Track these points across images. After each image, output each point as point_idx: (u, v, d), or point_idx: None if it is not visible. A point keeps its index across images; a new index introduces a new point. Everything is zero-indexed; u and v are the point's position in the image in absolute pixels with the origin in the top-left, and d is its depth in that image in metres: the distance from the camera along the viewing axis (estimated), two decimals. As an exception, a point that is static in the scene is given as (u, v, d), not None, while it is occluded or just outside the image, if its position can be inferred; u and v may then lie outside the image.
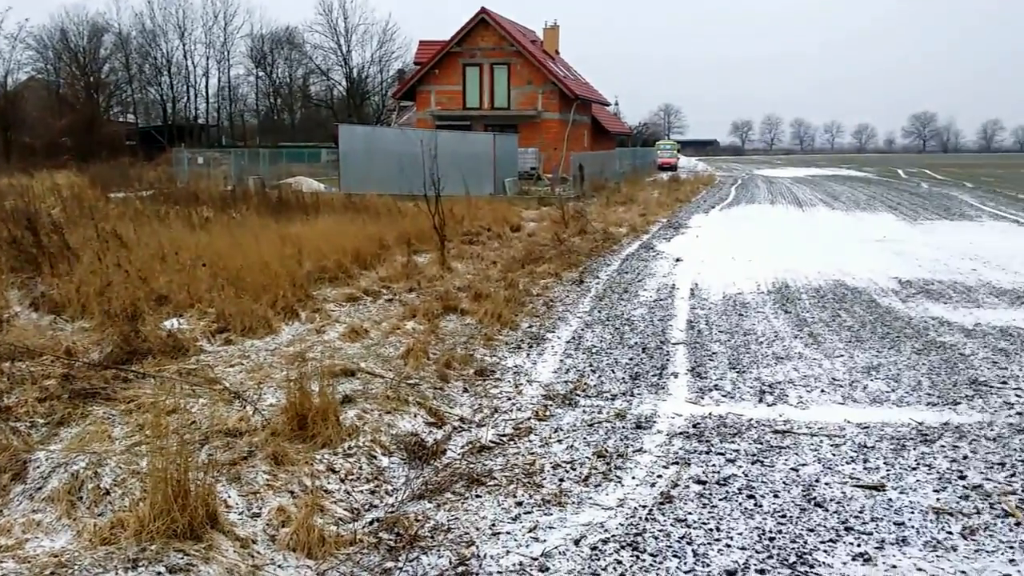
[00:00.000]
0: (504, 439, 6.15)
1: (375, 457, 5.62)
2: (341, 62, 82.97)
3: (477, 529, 4.70)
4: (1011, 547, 4.46)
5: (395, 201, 20.84)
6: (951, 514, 4.86)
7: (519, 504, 5.03)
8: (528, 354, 8.59)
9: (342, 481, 5.23)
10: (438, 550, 4.45)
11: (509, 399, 7.10)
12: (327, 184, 33.46)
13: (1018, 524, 4.71)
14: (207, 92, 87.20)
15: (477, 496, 5.13)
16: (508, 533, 4.66)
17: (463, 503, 5.02)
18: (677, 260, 15.57)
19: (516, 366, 8.12)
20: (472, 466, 5.58)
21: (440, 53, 43.45)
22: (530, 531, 4.67)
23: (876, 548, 4.46)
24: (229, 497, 4.79)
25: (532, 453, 5.86)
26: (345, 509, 4.90)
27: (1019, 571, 4.21)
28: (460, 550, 4.45)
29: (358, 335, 8.65)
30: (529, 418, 6.61)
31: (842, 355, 8.49)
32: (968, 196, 34.04)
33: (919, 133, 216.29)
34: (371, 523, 4.76)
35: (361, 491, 5.17)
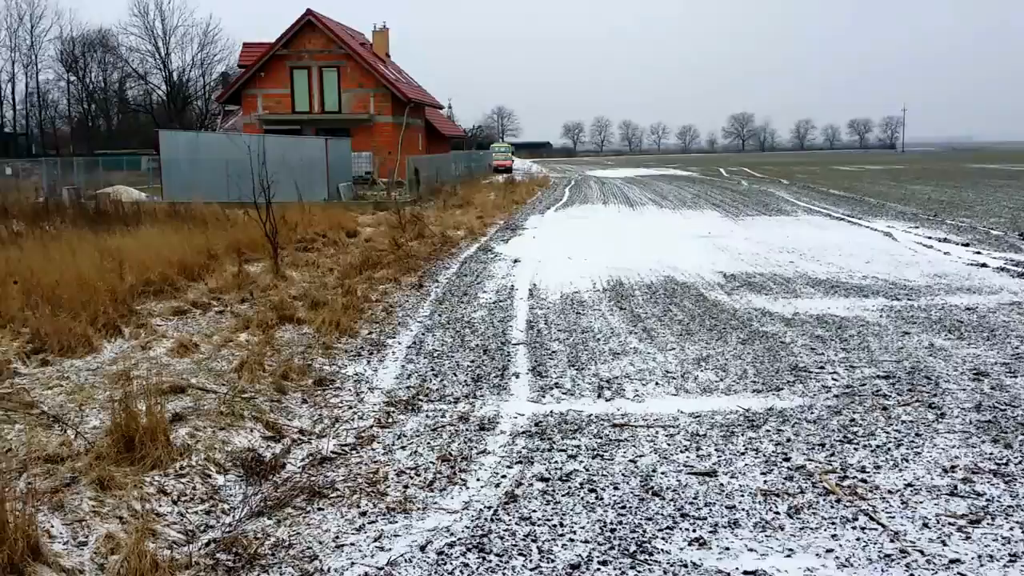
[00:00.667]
0: (346, 449, 6.04)
1: (210, 476, 5.40)
2: (160, 65, 79.71)
3: (320, 543, 4.58)
4: (833, 523, 4.73)
5: (223, 209, 20.15)
6: (778, 495, 5.12)
7: (363, 514, 4.94)
8: (369, 361, 8.48)
9: (175, 503, 4.99)
10: (280, 567, 4.31)
11: (350, 408, 6.98)
12: (149, 193, 32.04)
13: (839, 501, 5.01)
14: (14, 99, 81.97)
15: (319, 509, 5.01)
16: (352, 544, 4.57)
17: (305, 517, 4.90)
18: (515, 261, 15.76)
19: (357, 374, 8.00)
20: (313, 479, 5.45)
21: (265, 56, 42.42)
22: (375, 541, 4.61)
23: (710, 532, 4.64)
24: (52, 527, 4.49)
25: (375, 461, 5.78)
26: (179, 532, 4.68)
27: (840, 545, 4.47)
28: (303, 565, 4.33)
29: (188, 350, 8.30)
30: (371, 426, 6.52)
31: (674, 348, 8.80)
32: (784, 192, 36.07)
33: (738, 133, 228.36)
34: (208, 544, 4.56)
35: (196, 512, 4.95)
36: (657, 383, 7.56)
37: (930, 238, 18.10)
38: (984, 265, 14.11)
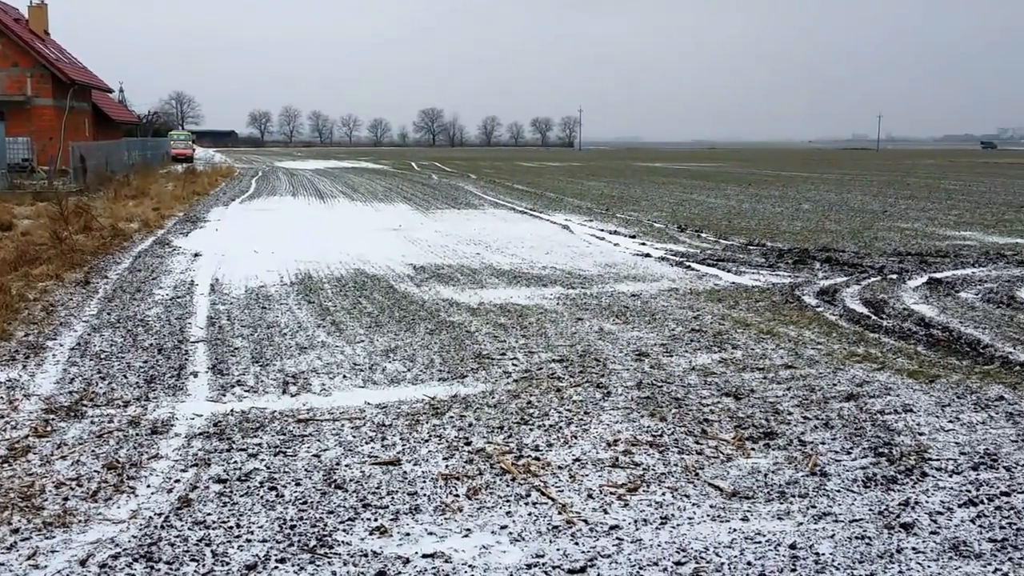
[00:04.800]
0: (-6, 463, 5.43)
1: None
2: None
3: (-41, 570, 4.08)
4: (508, 501, 4.94)
5: None
6: (458, 478, 5.26)
7: (15, 531, 4.47)
8: (24, 366, 7.69)
9: None
10: (-93, 602, 3.79)
11: (1, 418, 6.29)
12: None
13: (514, 480, 5.24)
14: None
15: (-40, 532, 4.46)
16: (2, 564, 4.11)
17: (-59, 543, 4.34)
18: (196, 255, 15.01)
19: (9, 380, 7.22)
20: (-47, 499, 4.84)
21: (-100, 27, 37.25)
22: (28, 559, 4.18)
23: (391, 520, 4.67)
24: None
25: (31, 474, 5.25)
26: None
27: (514, 521, 4.67)
28: (-63, 598, 3.84)
29: None
30: (27, 436, 5.91)
31: (363, 340, 8.78)
32: (473, 187, 37.29)
33: (429, 128, 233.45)
34: None
35: None
36: (345, 376, 7.51)
37: (602, 230, 19.48)
38: (648, 255, 15.41)
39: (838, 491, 5.09)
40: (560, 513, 4.76)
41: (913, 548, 4.36)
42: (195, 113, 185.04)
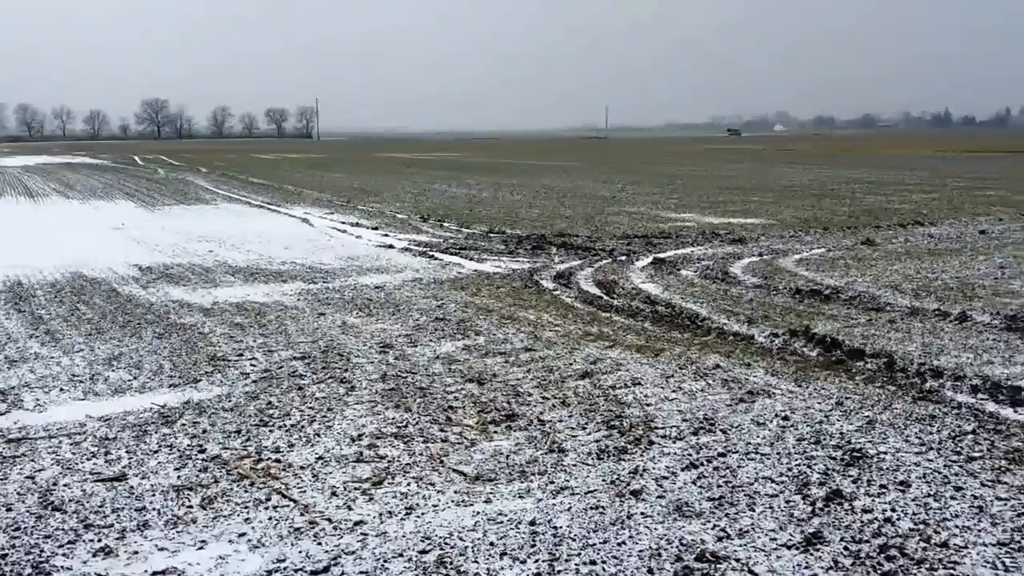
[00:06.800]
0: None
1: None
2: None
3: None
4: (246, 507, 4.72)
5: None
6: (191, 488, 4.97)
7: None
8: None
9: None
10: None
11: None
12: None
13: (252, 484, 5.02)
14: None
15: None
16: None
17: None
18: None
19: None
20: None
21: None
22: None
23: (117, 539, 4.33)
24: None
25: None
26: None
27: (253, 528, 4.47)
28: None
29: None
30: None
31: (82, 349, 8.14)
32: (203, 181, 35.71)
33: (153, 119, 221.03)
34: None
35: None
36: (62, 389, 6.92)
37: (344, 223, 19.25)
38: (391, 246, 15.38)
39: (575, 465, 5.29)
40: (303, 514, 4.62)
41: (642, 513, 4.61)
42: None
